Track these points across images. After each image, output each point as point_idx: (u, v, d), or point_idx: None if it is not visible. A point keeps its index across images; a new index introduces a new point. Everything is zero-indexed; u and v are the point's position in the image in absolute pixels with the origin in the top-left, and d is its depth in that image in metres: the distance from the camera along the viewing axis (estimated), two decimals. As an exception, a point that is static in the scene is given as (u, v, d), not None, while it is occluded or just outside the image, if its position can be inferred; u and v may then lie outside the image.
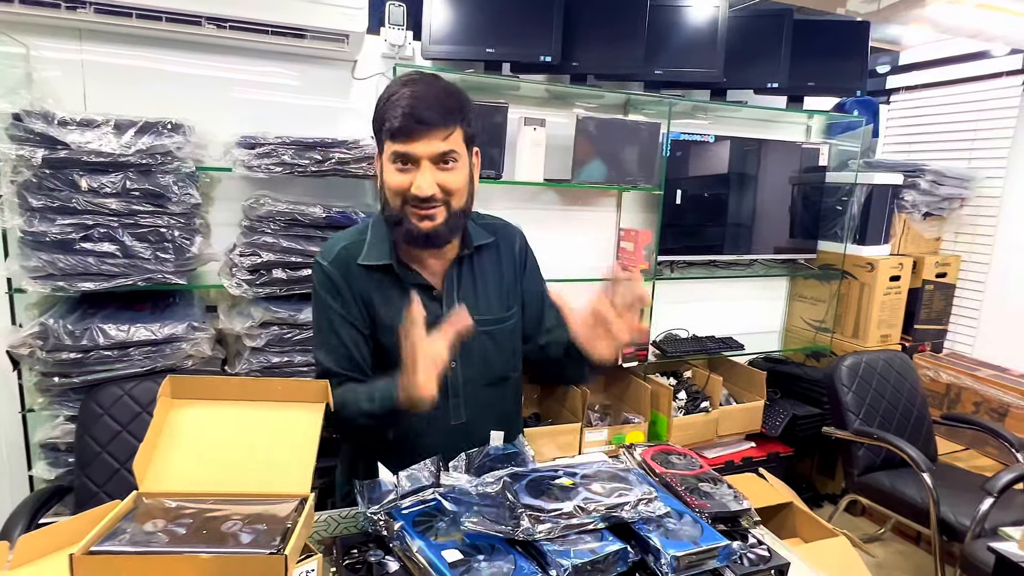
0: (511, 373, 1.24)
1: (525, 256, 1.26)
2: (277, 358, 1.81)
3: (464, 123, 1.05)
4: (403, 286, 1.11)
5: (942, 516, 1.93)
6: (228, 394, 0.94)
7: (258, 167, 1.75)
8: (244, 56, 1.95)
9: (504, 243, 1.23)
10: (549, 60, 2.12)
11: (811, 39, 2.52)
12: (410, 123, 0.98)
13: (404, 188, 1.02)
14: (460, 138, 1.04)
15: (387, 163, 1.04)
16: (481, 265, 1.18)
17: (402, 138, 1.00)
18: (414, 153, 1.00)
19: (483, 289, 1.18)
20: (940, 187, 2.79)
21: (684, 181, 2.53)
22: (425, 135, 0.99)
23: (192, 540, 0.74)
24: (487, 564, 0.83)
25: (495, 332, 1.18)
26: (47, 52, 1.75)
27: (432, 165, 1.02)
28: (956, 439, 2.62)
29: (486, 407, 1.20)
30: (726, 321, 2.91)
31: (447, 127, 1.01)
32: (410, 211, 1.04)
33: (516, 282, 1.23)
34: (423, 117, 0.98)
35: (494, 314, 1.18)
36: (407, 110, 0.98)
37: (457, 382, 1.16)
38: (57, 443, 1.67)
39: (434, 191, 1.01)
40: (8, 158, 1.53)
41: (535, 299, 1.27)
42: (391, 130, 1.00)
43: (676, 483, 1.09)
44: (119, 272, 1.64)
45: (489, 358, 1.18)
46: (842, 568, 1.62)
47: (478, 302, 1.16)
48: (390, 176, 1.04)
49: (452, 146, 1.02)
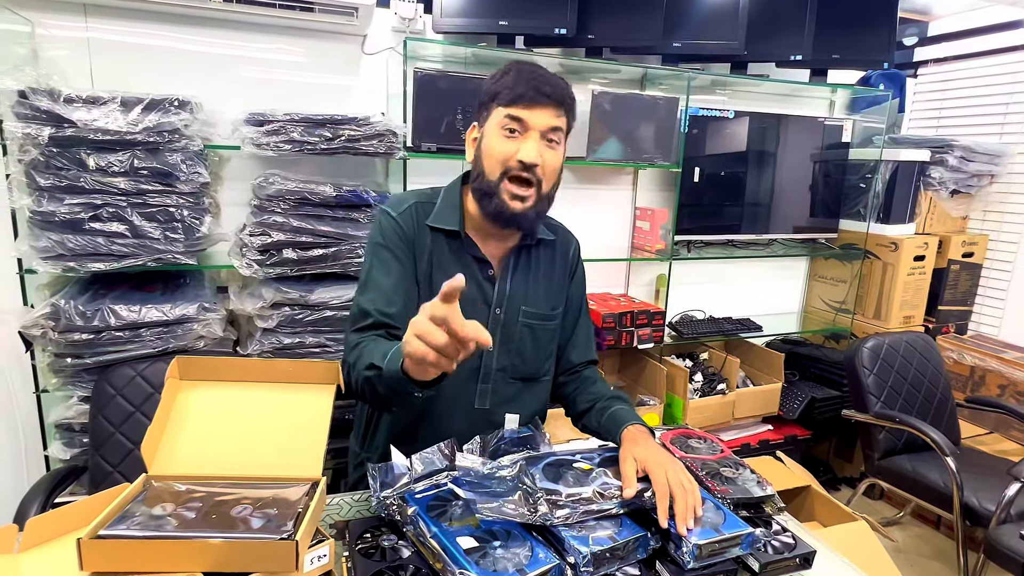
0: (542, 375, 1.24)
1: (576, 263, 1.29)
2: (288, 339, 1.80)
3: (571, 114, 1.09)
4: (462, 256, 1.12)
5: (965, 501, 1.89)
6: (237, 375, 0.92)
7: (267, 145, 1.72)
8: (251, 31, 1.91)
9: (562, 245, 1.26)
10: (564, 33, 2.05)
11: (837, 9, 2.42)
12: (532, 92, 1.02)
13: (510, 154, 1.04)
14: (566, 123, 1.08)
15: (495, 130, 1.06)
16: (537, 259, 1.20)
17: (523, 103, 1.03)
18: (528, 121, 1.03)
19: (534, 282, 1.19)
20: (969, 163, 2.69)
21: (702, 158, 2.46)
22: (543, 106, 1.03)
23: (202, 525, 0.73)
24: (503, 550, 0.81)
25: (537, 327, 1.19)
26: (53, 29, 1.72)
27: (541, 138, 1.04)
28: (980, 422, 2.56)
29: (511, 401, 1.19)
30: (744, 302, 2.86)
31: (562, 107, 1.06)
32: (506, 186, 1.05)
33: (564, 286, 1.25)
34: (545, 90, 1.03)
35: (540, 309, 1.19)
36: (531, 80, 1.03)
37: (490, 369, 1.16)
38: (72, 423, 1.68)
39: (539, 161, 1.04)
40: (15, 136, 1.51)
41: (574, 309, 1.29)
42: (510, 97, 1.03)
43: (697, 468, 1.05)
44: (129, 252, 1.62)
45: (524, 351, 1.18)
46: (862, 552, 1.59)
47: (527, 293, 1.17)
48: (497, 143, 1.05)
49: (561, 124, 1.07)
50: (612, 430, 1.09)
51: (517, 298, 1.15)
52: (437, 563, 0.80)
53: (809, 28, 2.37)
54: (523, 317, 1.16)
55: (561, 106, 1.05)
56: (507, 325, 1.15)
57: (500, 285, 1.14)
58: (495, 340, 1.13)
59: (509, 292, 1.15)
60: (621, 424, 1.06)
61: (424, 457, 0.99)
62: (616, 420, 1.09)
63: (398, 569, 0.82)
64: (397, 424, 1.17)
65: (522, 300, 1.16)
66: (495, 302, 1.15)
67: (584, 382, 1.26)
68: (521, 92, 1.02)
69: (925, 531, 2.51)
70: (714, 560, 0.86)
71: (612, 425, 1.09)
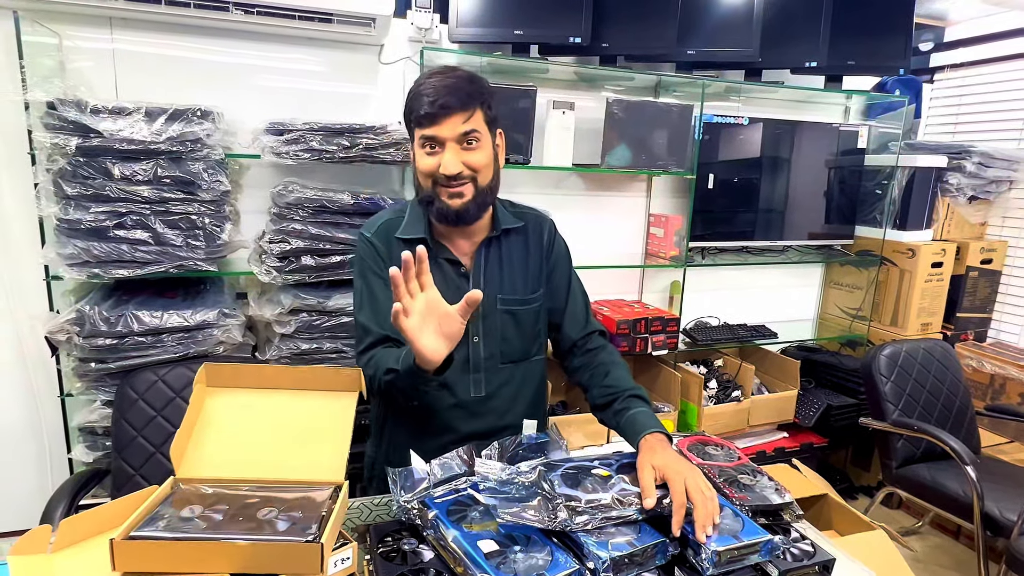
0: (532, 355, 1.28)
1: (553, 242, 1.31)
2: (306, 344, 1.82)
3: (484, 106, 1.13)
4: (435, 260, 1.17)
5: (986, 511, 1.87)
6: (262, 382, 0.93)
7: (286, 154, 1.75)
8: (271, 42, 1.95)
9: (533, 229, 1.29)
10: (579, 42, 2.07)
11: (852, 15, 2.42)
12: (434, 109, 1.07)
13: (433, 169, 1.11)
14: (481, 119, 1.12)
15: (418, 149, 1.13)
16: (509, 248, 1.25)
17: (428, 123, 1.08)
18: (439, 136, 1.09)
19: (509, 269, 1.24)
20: (987, 169, 2.67)
21: (716, 165, 2.46)
22: (448, 118, 1.08)
23: (229, 527, 0.74)
24: (523, 555, 0.82)
25: (518, 312, 1.24)
26: (79, 41, 1.77)
27: (456, 146, 1.09)
28: (1000, 431, 2.53)
29: (505, 384, 1.24)
30: (758, 309, 2.85)
31: (467, 110, 1.09)
32: (440, 191, 1.12)
33: (542, 267, 1.28)
34: (445, 102, 1.07)
35: (518, 294, 1.24)
36: (431, 98, 1.07)
37: (479, 357, 1.21)
38: (95, 427, 1.71)
39: (460, 169, 1.09)
40: (44, 146, 1.55)
41: (561, 285, 1.31)
42: (418, 118, 1.09)
43: (714, 475, 1.05)
44: (151, 259, 1.65)
45: (509, 336, 1.23)
46: (881, 562, 1.57)
47: (503, 281, 1.23)
48: (421, 160, 1.12)
49: (474, 126, 1.10)
50: (630, 435, 1.10)
51: (492, 288, 1.20)
52: (458, 567, 0.81)
53: (824, 34, 2.37)
54: (501, 305, 1.21)
55: (468, 108, 1.09)
56: (487, 316, 1.20)
57: (474, 279, 1.20)
58: (478, 331, 1.19)
59: (484, 284, 1.20)
60: (640, 431, 1.07)
61: (443, 462, 1.01)
62: (635, 425, 1.09)
63: (419, 572, 0.83)
64: (405, 421, 1.22)
65: (497, 289, 1.21)
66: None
67: (598, 369, 1.26)
68: (424, 113, 1.07)
69: (944, 541, 2.47)
70: (733, 567, 0.86)
71: (630, 430, 1.10)
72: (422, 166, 1.12)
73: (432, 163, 1.10)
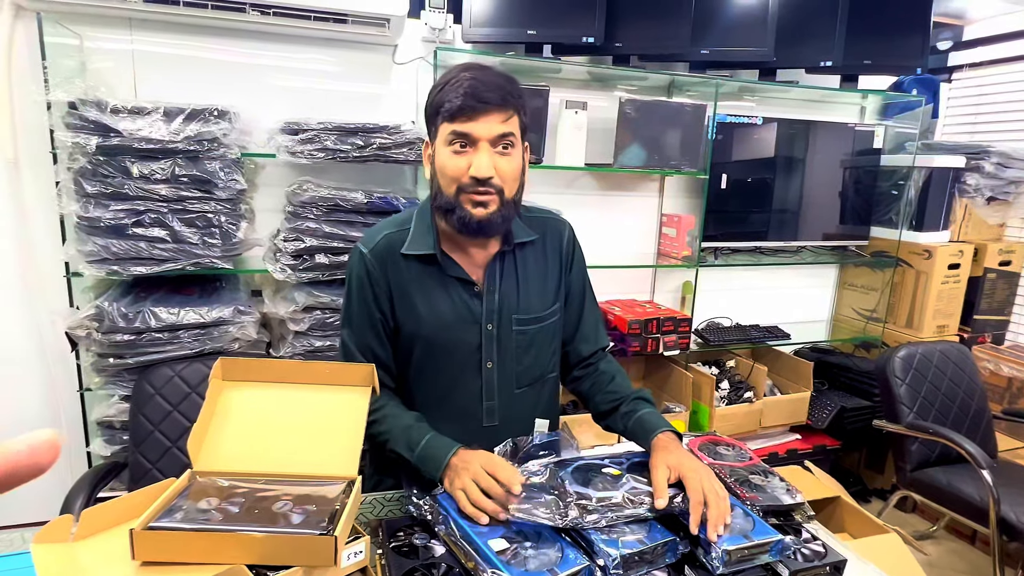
0: (548, 375, 1.21)
1: (572, 250, 1.22)
2: (320, 342, 1.84)
3: (521, 112, 1.02)
4: (443, 278, 1.09)
5: (1002, 515, 1.84)
6: (277, 376, 0.95)
7: (301, 153, 1.77)
8: (287, 43, 1.97)
9: (551, 238, 1.18)
10: (592, 41, 2.07)
11: (868, 14, 2.39)
12: (472, 102, 0.96)
13: (461, 171, 0.99)
14: (517, 124, 1.02)
15: (442, 147, 1.01)
16: (524, 261, 1.14)
17: (463, 117, 0.97)
18: (474, 133, 0.97)
19: (524, 286, 1.13)
20: (1006, 170, 2.63)
21: (729, 165, 2.45)
22: (486, 115, 0.97)
23: (244, 519, 0.75)
24: (534, 551, 0.82)
25: (533, 332, 1.14)
26: (99, 42, 1.80)
27: (490, 147, 0.99)
28: (1018, 435, 2.49)
29: (520, 410, 1.17)
30: (771, 309, 2.83)
31: (507, 109, 0.99)
32: (464, 198, 1.00)
33: (561, 278, 1.19)
34: (485, 97, 0.96)
35: (534, 313, 1.14)
36: (469, 90, 0.96)
37: (492, 385, 1.13)
38: (113, 421, 1.74)
39: (492, 173, 0.98)
40: (65, 145, 1.58)
41: (576, 299, 1.23)
42: (451, 111, 0.97)
43: (725, 475, 1.05)
44: (169, 257, 1.68)
45: (525, 359, 1.14)
46: (894, 565, 1.56)
47: (519, 299, 1.12)
48: (446, 160, 1.00)
49: (511, 129, 1.00)
50: (640, 436, 1.08)
51: (507, 308, 1.11)
52: (469, 562, 0.82)
53: (840, 33, 2.35)
54: (516, 325, 1.12)
55: (507, 108, 0.98)
56: (501, 338, 1.11)
57: (487, 300, 1.09)
58: (491, 356, 1.11)
59: (498, 304, 1.10)
60: (651, 431, 1.05)
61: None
62: (645, 426, 1.07)
63: (431, 567, 0.84)
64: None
65: (513, 308, 1.11)
66: (484, 319, 1.10)
67: (600, 377, 1.21)
68: (460, 104, 0.96)
69: (960, 546, 2.44)
70: (743, 566, 0.86)
71: (640, 431, 1.08)
72: (448, 166, 1.00)
73: (461, 164, 0.98)
